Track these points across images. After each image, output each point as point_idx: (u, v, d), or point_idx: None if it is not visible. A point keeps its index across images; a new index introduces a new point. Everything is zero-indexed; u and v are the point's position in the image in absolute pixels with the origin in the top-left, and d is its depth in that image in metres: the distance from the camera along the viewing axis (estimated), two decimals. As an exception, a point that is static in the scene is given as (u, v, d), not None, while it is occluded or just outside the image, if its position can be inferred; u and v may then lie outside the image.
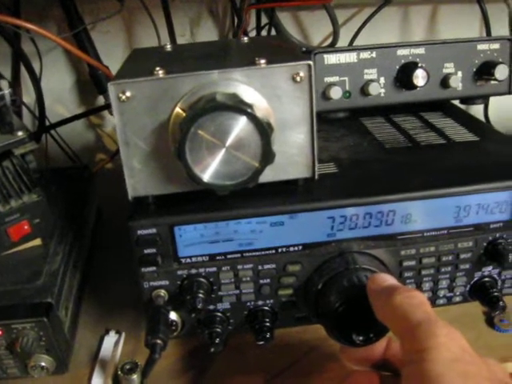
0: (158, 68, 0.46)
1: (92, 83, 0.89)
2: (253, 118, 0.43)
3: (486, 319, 0.61)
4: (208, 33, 0.96)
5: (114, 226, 0.78)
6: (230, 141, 0.43)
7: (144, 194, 0.49)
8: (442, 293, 0.55)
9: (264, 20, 0.91)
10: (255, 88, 0.46)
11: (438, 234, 0.52)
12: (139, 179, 0.48)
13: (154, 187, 0.49)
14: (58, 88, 0.93)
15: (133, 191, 0.49)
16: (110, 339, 0.61)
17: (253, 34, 0.92)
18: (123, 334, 0.61)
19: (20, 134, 0.57)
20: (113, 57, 0.90)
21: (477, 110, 0.93)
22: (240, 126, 0.43)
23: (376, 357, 0.45)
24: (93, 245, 0.74)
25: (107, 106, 0.86)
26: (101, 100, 0.94)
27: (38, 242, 0.60)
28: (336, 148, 0.61)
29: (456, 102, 0.71)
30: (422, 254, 0.52)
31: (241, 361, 0.57)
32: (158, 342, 0.45)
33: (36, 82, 0.79)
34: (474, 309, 0.61)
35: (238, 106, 0.43)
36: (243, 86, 0.46)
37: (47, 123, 0.89)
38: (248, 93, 0.46)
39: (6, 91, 0.54)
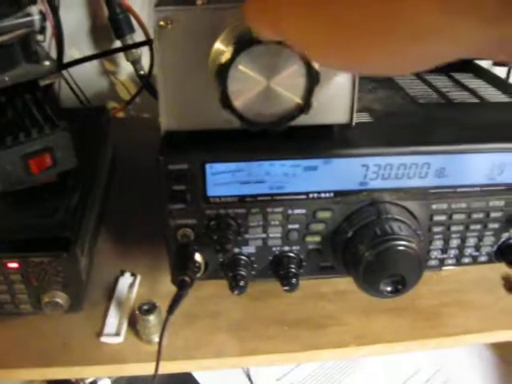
0: (200, -3, 0.44)
1: (110, 28, 0.87)
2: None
3: (505, 284, 0.61)
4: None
5: (128, 171, 0.77)
6: (273, 76, 0.42)
7: (177, 129, 0.47)
8: (468, 251, 0.55)
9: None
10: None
11: (471, 190, 0.51)
12: (173, 113, 0.46)
13: (188, 123, 0.47)
14: (73, 31, 0.90)
15: (166, 125, 0.47)
16: (124, 280, 0.60)
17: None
18: (139, 277, 0.60)
19: (46, 63, 0.55)
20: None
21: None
22: (286, 61, 0.41)
23: None
24: (107, 187, 0.73)
25: (124, 48, 0.83)
26: (118, 45, 0.91)
27: (54, 177, 0.59)
28: (369, 99, 0.59)
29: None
30: (452, 210, 0.52)
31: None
32: (186, 278, 0.45)
33: (56, 14, 0.75)
34: (493, 273, 0.61)
35: (285, 40, 0.41)
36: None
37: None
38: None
39: (36, 17, 0.52)
